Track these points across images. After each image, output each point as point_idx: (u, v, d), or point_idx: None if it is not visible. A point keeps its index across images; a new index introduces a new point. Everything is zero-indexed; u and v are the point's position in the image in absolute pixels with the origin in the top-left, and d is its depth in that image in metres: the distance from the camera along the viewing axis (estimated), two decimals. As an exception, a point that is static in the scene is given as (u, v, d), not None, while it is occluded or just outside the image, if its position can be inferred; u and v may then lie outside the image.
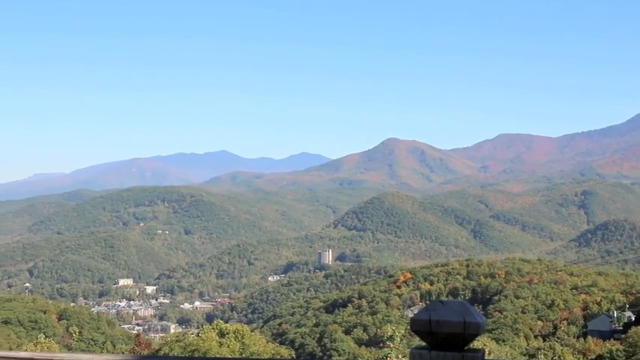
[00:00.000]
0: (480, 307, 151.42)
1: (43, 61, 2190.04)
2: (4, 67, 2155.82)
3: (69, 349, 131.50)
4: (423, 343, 5.57)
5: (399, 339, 33.94)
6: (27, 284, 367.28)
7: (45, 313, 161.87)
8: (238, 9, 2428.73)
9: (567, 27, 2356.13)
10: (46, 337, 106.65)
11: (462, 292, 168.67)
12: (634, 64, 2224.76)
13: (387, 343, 35.50)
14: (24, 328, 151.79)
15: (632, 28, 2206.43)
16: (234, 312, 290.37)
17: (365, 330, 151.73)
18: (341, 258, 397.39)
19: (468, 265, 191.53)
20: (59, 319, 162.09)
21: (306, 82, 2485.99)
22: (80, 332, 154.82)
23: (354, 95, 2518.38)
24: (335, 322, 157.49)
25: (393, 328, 36.02)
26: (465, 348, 5.79)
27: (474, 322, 5.67)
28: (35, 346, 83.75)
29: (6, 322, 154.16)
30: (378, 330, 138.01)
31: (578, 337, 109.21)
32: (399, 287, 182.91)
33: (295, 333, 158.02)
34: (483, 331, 5.27)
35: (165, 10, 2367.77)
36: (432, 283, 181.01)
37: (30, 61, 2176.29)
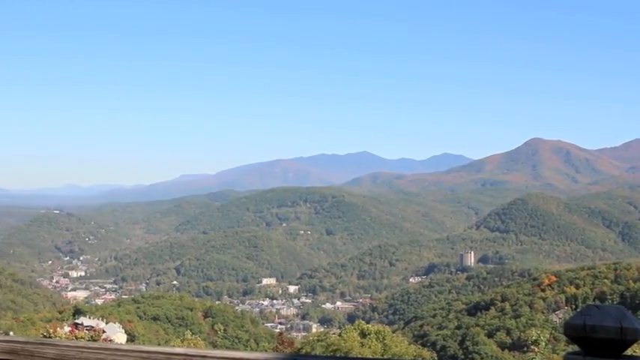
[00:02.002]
0: (629, 312, 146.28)
1: (189, 65, 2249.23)
2: (157, 71, 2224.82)
3: (214, 345, 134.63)
4: (573, 349, 5.34)
5: (543, 343, 33.20)
6: (174, 282, 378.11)
7: (191, 310, 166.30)
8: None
9: None
10: (193, 333, 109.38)
11: (609, 297, 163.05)
12: None
13: (532, 347, 34.76)
14: (171, 324, 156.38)
15: None
16: (375, 312, 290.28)
17: (508, 333, 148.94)
18: (483, 260, 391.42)
19: (616, 269, 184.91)
20: (205, 317, 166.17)
21: (447, 82, 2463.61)
22: (225, 330, 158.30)
23: (497, 94, 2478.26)
24: (477, 325, 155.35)
25: (538, 332, 35.25)
26: (622, 355, 5.10)
27: (631, 328, 5.31)
28: (182, 342, 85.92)
29: (155, 319, 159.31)
30: (522, 334, 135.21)
31: None
32: (543, 290, 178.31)
33: (437, 335, 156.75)
34: None
35: (309, 16, 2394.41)
36: (577, 287, 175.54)
37: (177, 64, 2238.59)
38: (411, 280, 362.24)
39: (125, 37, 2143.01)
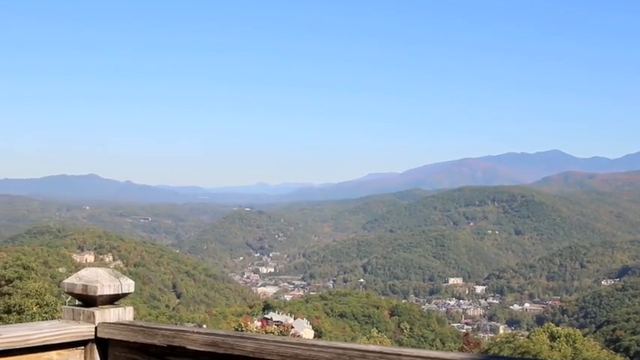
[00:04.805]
0: None
1: (377, 66, 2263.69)
2: (344, 72, 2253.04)
3: (399, 344, 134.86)
4: None
5: None
6: (361, 280, 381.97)
7: (378, 308, 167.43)
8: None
9: None
10: (379, 331, 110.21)
11: None
12: None
13: None
14: (358, 322, 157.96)
15: None
16: (564, 315, 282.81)
17: None
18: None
19: None
20: (391, 315, 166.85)
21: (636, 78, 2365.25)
22: (411, 329, 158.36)
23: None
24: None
25: None
26: None
27: None
28: (368, 339, 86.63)
29: (341, 316, 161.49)
30: None
31: None
32: None
33: (630, 340, 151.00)
34: None
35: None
36: None
37: (365, 65, 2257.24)
38: (603, 282, 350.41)
39: (317, 39, 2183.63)
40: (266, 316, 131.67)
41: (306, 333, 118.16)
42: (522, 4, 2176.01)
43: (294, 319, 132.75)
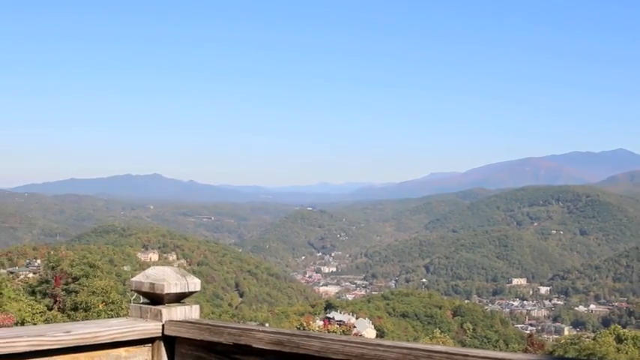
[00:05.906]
0: None
1: (440, 66, 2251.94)
2: (405, 71, 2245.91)
3: (462, 344, 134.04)
4: None
5: None
6: (423, 280, 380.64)
7: (440, 308, 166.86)
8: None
9: None
10: (442, 332, 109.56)
11: None
12: None
13: None
14: (420, 322, 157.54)
15: None
16: (631, 317, 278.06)
17: None
18: None
19: None
20: (454, 315, 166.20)
21: None
22: (474, 329, 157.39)
23: None
24: None
25: None
26: None
27: None
28: (431, 340, 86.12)
29: (404, 315, 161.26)
30: None
31: None
32: None
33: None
34: None
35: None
36: None
37: (430, 65, 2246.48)
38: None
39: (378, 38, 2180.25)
40: (328, 315, 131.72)
41: (369, 333, 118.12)
42: (598, 5, 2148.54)
43: (357, 318, 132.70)
